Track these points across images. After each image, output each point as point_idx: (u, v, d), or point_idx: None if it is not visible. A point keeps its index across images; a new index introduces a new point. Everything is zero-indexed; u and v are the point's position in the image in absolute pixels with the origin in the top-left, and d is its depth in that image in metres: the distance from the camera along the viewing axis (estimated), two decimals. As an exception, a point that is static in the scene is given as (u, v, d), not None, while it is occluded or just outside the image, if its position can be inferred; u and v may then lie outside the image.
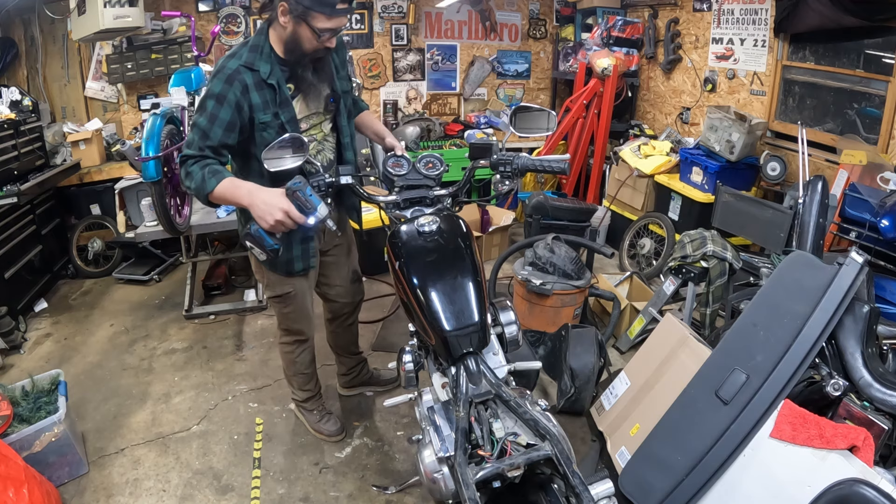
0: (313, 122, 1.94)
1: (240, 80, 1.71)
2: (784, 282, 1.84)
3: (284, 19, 1.68)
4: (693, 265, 2.75)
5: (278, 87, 1.77)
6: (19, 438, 2.03)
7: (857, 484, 1.42)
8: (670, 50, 4.59)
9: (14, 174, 3.48)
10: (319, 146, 1.98)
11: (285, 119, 1.80)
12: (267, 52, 1.76)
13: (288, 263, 2.01)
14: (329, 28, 1.68)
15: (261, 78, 1.74)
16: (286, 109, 1.80)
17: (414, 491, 2.11)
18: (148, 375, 2.91)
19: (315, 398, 2.44)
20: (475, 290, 1.45)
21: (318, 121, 1.95)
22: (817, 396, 1.77)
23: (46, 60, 4.49)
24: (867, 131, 3.28)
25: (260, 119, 1.76)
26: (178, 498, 2.14)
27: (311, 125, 1.93)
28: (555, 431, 1.26)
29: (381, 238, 1.75)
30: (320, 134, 1.97)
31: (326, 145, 2.01)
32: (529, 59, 5.76)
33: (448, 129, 5.23)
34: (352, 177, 1.78)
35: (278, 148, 1.69)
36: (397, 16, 5.23)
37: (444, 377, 1.52)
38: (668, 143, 4.23)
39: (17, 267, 3.40)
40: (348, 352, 2.61)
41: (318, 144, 1.96)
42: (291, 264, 2.02)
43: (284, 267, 2.02)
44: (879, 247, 2.46)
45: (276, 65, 1.77)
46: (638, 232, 4.09)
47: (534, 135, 1.84)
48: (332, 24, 1.67)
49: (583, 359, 2.47)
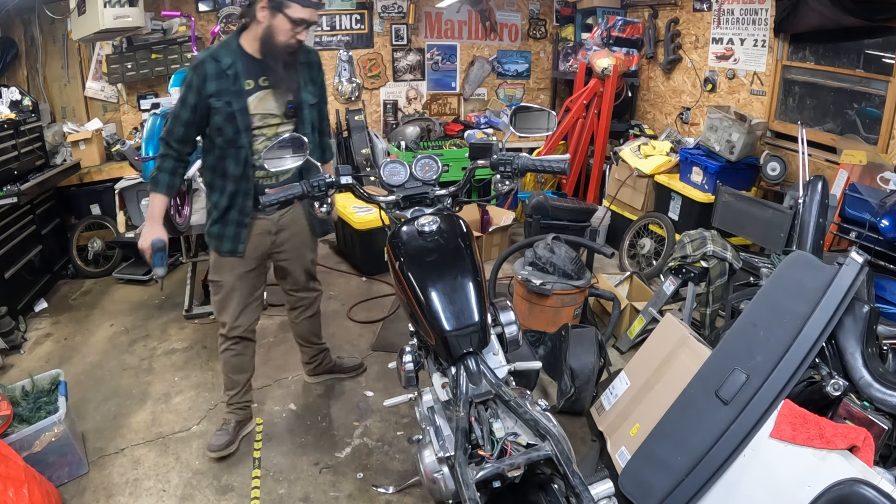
0: (269, 122, 2.05)
1: (202, 68, 1.93)
2: (784, 282, 1.84)
3: (262, 14, 1.89)
4: (693, 265, 2.75)
5: (235, 77, 1.94)
6: (19, 438, 2.03)
7: (857, 484, 1.42)
8: (670, 50, 4.60)
9: (14, 174, 3.47)
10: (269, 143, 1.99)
11: (236, 108, 1.95)
12: (234, 48, 1.97)
13: (218, 238, 2.14)
14: (303, 18, 1.89)
15: (222, 68, 1.93)
16: (238, 99, 1.95)
17: (414, 491, 2.11)
18: (148, 375, 2.91)
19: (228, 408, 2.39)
20: (475, 290, 1.45)
21: (274, 122, 2.06)
22: (817, 396, 1.77)
23: (46, 60, 4.49)
24: (867, 131, 3.28)
25: (213, 104, 1.94)
26: (178, 498, 2.14)
27: (266, 124, 2.05)
28: (555, 431, 1.26)
29: (381, 238, 1.75)
30: (272, 132, 2.06)
31: None
32: (529, 59, 5.76)
33: (448, 129, 5.23)
34: (352, 177, 1.78)
35: (278, 148, 1.70)
36: (397, 16, 5.23)
37: (444, 377, 1.52)
38: (668, 143, 4.23)
39: (17, 267, 3.39)
40: (308, 342, 2.67)
41: (266, 141, 2.04)
42: (221, 241, 2.13)
43: (214, 241, 2.15)
44: (879, 247, 2.46)
45: (241, 60, 1.96)
46: (638, 232, 4.09)
47: (534, 135, 1.84)
48: (305, 15, 1.89)
49: (583, 359, 2.47)
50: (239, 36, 1.99)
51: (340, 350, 3.11)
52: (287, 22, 1.88)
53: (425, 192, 1.74)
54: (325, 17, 5.11)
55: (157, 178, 2.06)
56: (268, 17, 1.88)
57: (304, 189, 1.69)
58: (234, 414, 2.38)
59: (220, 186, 2.09)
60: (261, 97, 2.01)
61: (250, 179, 2.06)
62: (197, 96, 1.94)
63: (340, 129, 5.31)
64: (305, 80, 2.11)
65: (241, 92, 1.96)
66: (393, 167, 1.77)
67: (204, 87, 1.93)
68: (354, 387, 2.78)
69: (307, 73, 2.12)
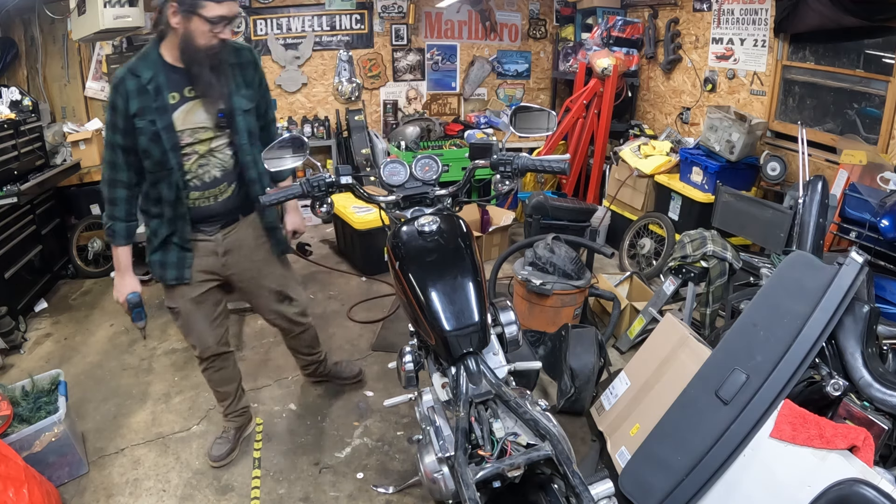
0: (201, 136, 1.86)
1: (123, 86, 1.75)
2: (784, 282, 1.84)
3: (176, 20, 1.69)
4: (693, 265, 2.75)
5: (157, 92, 1.76)
6: (19, 438, 2.03)
7: (857, 484, 1.42)
8: (670, 50, 4.60)
9: (14, 174, 3.47)
10: (203, 160, 1.90)
11: (160, 126, 1.77)
12: (153, 58, 1.79)
13: (162, 267, 1.99)
14: (221, 15, 1.69)
15: (142, 83, 1.75)
16: (163, 116, 1.78)
17: (414, 491, 2.11)
18: (148, 375, 2.91)
19: (225, 418, 2.36)
20: (475, 290, 1.45)
21: (206, 136, 1.87)
22: (817, 396, 1.77)
23: (46, 60, 4.50)
24: (867, 131, 3.28)
25: (137, 124, 1.77)
26: (178, 498, 2.14)
27: (198, 139, 1.86)
28: (555, 431, 1.26)
29: (381, 238, 1.75)
30: (204, 148, 1.88)
31: (213, 161, 1.92)
32: (529, 59, 5.76)
33: (448, 129, 5.23)
34: (352, 177, 1.77)
35: (278, 148, 1.69)
36: (397, 16, 5.23)
37: (444, 377, 1.52)
38: (668, 143, 4.23)
39: (17, 267, 3.39)
40: (300, 353, 2.57)
41: (200, 159, 1.88)
42: (165, 269, 1.99)
43: (158, 270, 2.01)
44: (879, 247, 2.46)
45: (162, 72, 1.78)
46: (638, 232, 4.09)
47: (534, 135, 1.83)
48: (223, 11, 1.69)
49: (583, 359, 2.47)
50: (158, 45, 1.80)
51: (340, 350, 3.11)
52: (204, 23, 1.68)
53: (425, 192, 1.74)
54: (325, 17, 5.11)
55: (113, 229, 1.90)
56: (182, 21, 1.69)
57: (303, 189, 1.69)
58: (233, 421, 2.36)
59: (157, 213, 1.94)
60: (188, 110, 1.82)
61: (184, 203, 1.89)
62: (124, 119, 1.77)
63: (340, 128, 5.31)
64: (238, 84, 1.90)
65: (165, 108, 1.78)
66: (393, 167, 1.77)
67: (127, 107, 1.76)
68: (354, 387, 2.78)
69: (240, 76, 1.92)
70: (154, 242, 1.99)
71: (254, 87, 1.97)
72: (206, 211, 1.95)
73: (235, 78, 1.90)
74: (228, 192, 1.97)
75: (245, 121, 1.92)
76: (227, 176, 1.95)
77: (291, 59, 5.12)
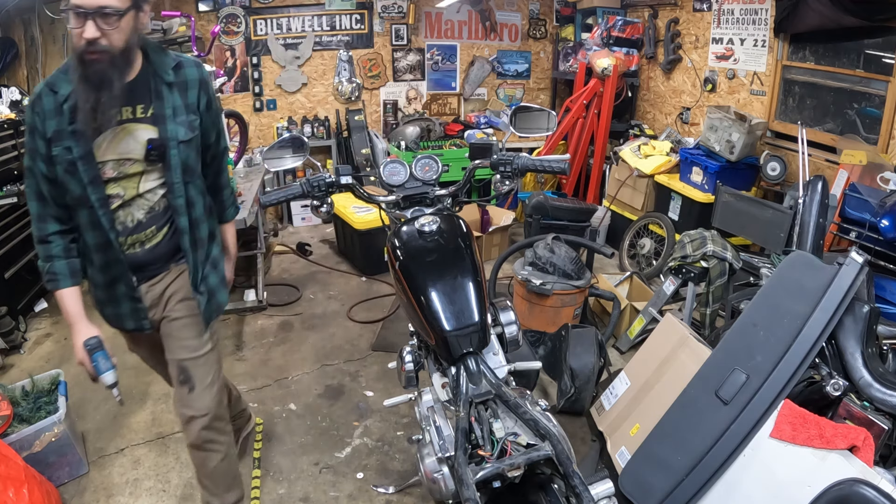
0: (128, 171, 1.51)
1: (39, 104, 1.44)
2: (784, 282, 1.84)
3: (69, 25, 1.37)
4: (693, 265, 2.75)
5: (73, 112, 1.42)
6: (19, 438, 2.03)
7: (857, 484, 1.42)
8: (670, 50, 4.60)
9: (14, 174, 3.47)
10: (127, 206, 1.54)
11: (77, 154, 1.43)
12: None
13: (117, 318, 1.70)
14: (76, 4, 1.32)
15: (59, 101, 1.43)
16: (80, 142, 1.43)
17: (414, 491, 2.11)
18: (148, 375, 2.90)
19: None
20: (475, 290, 1.45)
21: (134, 171, 1.51)
22: (817, 396, 1.77)
23: (46, 60, 4.49)
24: (867, 131, 3.28)
25: (53, 151, 1.44)
26: (178, 498, 2.14)
27: (123, 174, 1.50)
28: (555, 431, 1.26)
29: (381, 238, 1.75)
30: (131, 191, 1.53)
31: (141, 203, 1.56)
32: (529, 59, 5.76)
33: (448, 129, 5.24)
34: (352, 177, 1.77)
35: (278, 148, 1.69)
36: (397, 16, 5.23)
37: (444, 377, 1.52)
38: (668, 143, 4.23)
39: (17, 267, 3.39)
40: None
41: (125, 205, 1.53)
42: (121, 320, 1.70)
43: (115, 322, 1.72)
44: (879, 247, 2.46)
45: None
46: (638, 232, 4.09)
47: (534, 135, 1.84)
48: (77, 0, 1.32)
49: (583, 359, 2.47)
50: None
51: (340, 350, 3.11)
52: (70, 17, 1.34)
53: (425, 192, 1.74)
54: (325, 17, 5.11)
55: (54, 270, 1.53)
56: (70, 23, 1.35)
57: (303, 189, 1.69)
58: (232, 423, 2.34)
59: (91, 259, 1.59)
60: (114, 135, 1.47)
61: (115, 248, 1.54)
62: (43, 141, 1.44)
63: (340, 128, 5.32)
64: (176, 108, 1.52)
65: (82, 132, 1.42)
66: (393, 167, 1.77)
67: (45, 129, 1.43)
68: (354, 387, 2.78)
69: (178, 97, 1.53)
70: (99, 294, 1.67)
71: (198, 113, 1.58)
72: (132, 259, 1.59)
73: (172, 99, 1.52)
74: (157, 237, 1.60)
75: (181, 154, 1.54)
76: (154, 219, 1.59)
77: (291, 59, 5.12)
